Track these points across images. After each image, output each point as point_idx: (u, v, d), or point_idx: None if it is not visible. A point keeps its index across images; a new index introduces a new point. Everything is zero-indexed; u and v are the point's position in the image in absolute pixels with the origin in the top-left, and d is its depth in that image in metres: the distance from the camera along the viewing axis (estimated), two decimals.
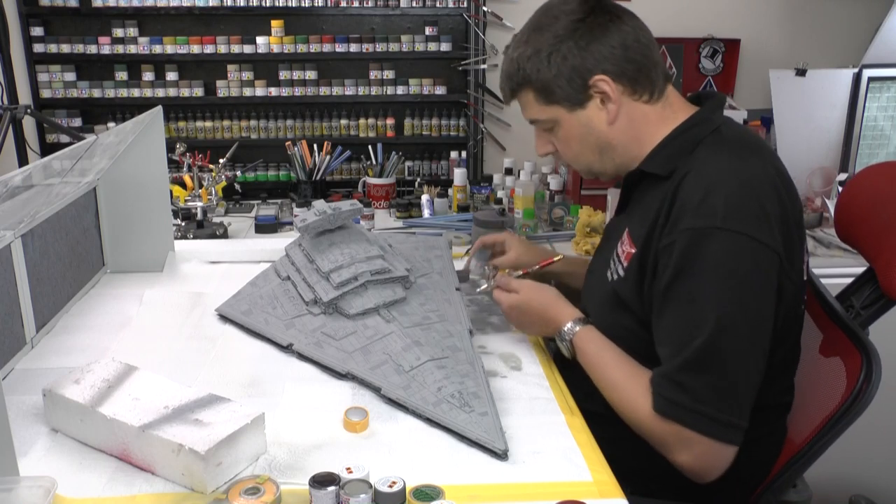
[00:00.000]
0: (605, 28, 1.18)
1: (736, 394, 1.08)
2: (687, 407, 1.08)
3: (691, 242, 1.08)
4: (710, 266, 1.07)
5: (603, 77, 1.18)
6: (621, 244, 1.24)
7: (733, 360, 1.07)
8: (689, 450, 1.10)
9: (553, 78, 1.20)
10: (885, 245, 1.25)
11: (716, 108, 1.24)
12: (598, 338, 1.24)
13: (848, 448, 1.23)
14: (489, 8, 2.67)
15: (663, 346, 1.13)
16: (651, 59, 1.21)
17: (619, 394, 1.18)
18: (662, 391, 1.10)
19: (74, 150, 1.33)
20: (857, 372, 1.18)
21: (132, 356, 1.20)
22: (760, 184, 1.11)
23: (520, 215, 2.27)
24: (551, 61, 1.19)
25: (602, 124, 1.22)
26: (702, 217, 1.08)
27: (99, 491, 0.95)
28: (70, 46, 2.61)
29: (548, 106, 1.23)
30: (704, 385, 1.07)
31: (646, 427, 1.14)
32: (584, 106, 1.21)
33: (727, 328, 1.06)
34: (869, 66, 2.44)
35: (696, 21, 2.77)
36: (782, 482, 1.23)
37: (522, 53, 1.22)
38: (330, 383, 1.23)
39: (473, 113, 2.73)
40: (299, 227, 1.45)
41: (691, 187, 1.12)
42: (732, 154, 1.15)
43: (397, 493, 0.90)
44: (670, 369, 1.10)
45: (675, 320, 1.11)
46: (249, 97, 2.70)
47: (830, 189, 2.42)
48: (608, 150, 1.25)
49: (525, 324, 1.35)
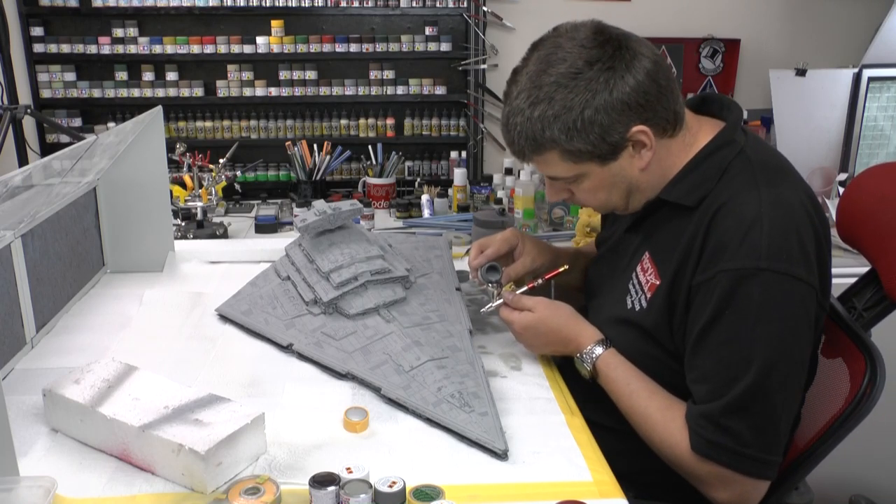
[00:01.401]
0: (632, 68, 1.08)
1: (777, 432, 1.08)
2: (729, 449, 1.06)
3: (734, 283, 1.05)
4: (754, 308, 1.05)
5: (642, 128, 1.10)
6: (643, 272, 1.20)
7: (776, 400, 1.06)
8: (728, 488, 1.09)
9: (586, 137, 1.09)
10: (889, 247, 1.24)
11: (736, 126, 1.18)
12: (623, 364, 1.19)
13: (848, 448, 1.23)
14: (489, 8, 2.67)
15: (701, 384, 1.10)
16: (675, 91, 1.13)
17: (651, 426, 1.15)
18: (703, 432, 1.08)
19: (74, 150, 1.33)
20: (860, 375, 1.18)
21: (132, 356, 1.20)
22: (797, 215, 1.08)
23: (520, 215, 2.27)
24: (585, 120, 1.08)
25: (633, 171, 1.15)
26: (743, 257, 1.05)
27: (99, 491, 0.95)
28: (70, 46, 2.61)
29: (576, 164, 1.14)
30: (748, 427, 1.06)
31: (683, 464, 1.12)
32: (616, 157, 1.13)
33: (771, 371, 1.05)
34: (869, 66, 2.44)
35: (696, 21, 2.77)
36: (785, 485, 1.22)
37: (544, 113, 1.09)
38: (330, 383, 1.23)
39: (473, 113, 2.73)
40: (299, 227, 1.45)
41: (729, 223, 1.08)
42: (765, 183, 1.10)
43: (397, 493, 0.90)
44: (712, 411, 1.07)
45: (715, 361, 1.08)
46: (249, 97, 2.70)
47: (830, 189, 2.42)
48: (636, 192, 1.18)
49: (539, 344, 1.29)
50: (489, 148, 2.81)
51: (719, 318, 1.07)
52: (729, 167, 1.14)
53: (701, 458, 1.09)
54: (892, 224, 1.24)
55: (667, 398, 1.16)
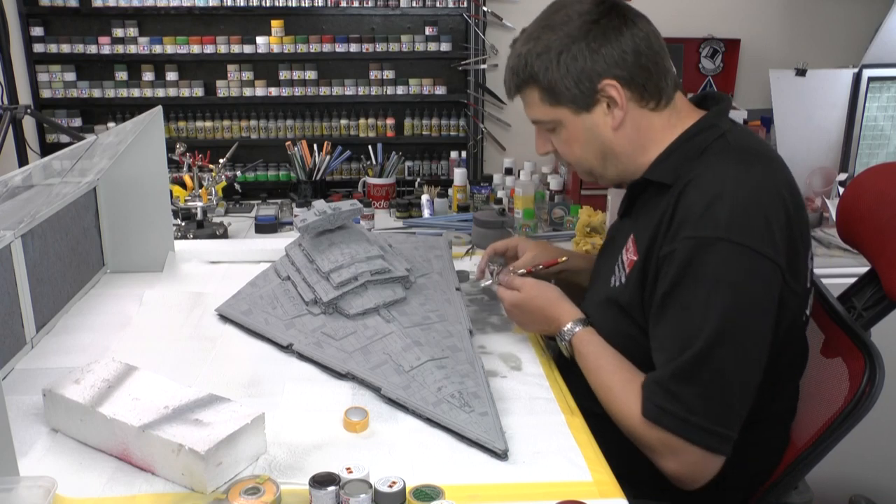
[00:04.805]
0: (619, 32, 1.16)
1: (727, 405, 1.07)
2: (676, 415, 1.07)
3: (692, 252, 1.07)
4: (710, 276, 1.06)
5: (612, 82, 1.16)
6: (626, 251, 1.23)
7: (726, 371, 1.07)
8: (675, 457, 1.10)
9: (561, 78, 1.17)
10: (888, 246, 1.24)
11: (722, 113, 1.22)
12: (596, 340, 1.23)
13: (848, 448, 1.23)
14: (489, 8, 2.66)
15: (658, 352, 1.12)
16: (662, 67, 1.19)
17: (611, 397, 1.17)
18: (653, 398, 1.10)
19: (74, 150, 1.33)
20: (860, 374, 1.18)
21: (132, 356, 1.20)
22: (766, 193, 1.09)
23: (520, 215, 2.27)
24: (560, 61, 1.16)
25: (607, 130, 1.20)
26: (704, 227, 1.07)
27: (99, 491, 0.95)
28: (70, 46, 2.60)
29: (552, 107, 1.21)
30: (695, 395, 1.06)
31: (635, 431, 1.14)
32: (590, 110, 1.19)
33: (722, 340, 1.05)
34: (869, 66, 2.44)
35: (696, 21, 2.77)
36: (784, 484, 1.23)
37: (531, 50, 1.19)
38: (330, 383, 1.23)
39: (473, 113, 2.73)
40: (299, 227, 1.45)
41: (694, 195, 1.10)
42: (738, 162, 1.12)
43: (397, 493, 0.90)
44: (662, 376, 1.09)
45: (670, 328, 1.11)
46: (249, 97, 2.69)
47: (830, 189, 2.42)
48: (611, 156, 1.23)
49: (526, 322, 1.34)
50: (489, 148, 2.81)
51: (677, 286, 1.09)
52: (708, 148, 1.17)
53: (651, 424, 1.10)
54: (892, 223, 1.25)
55: (631, 371, 1.17)
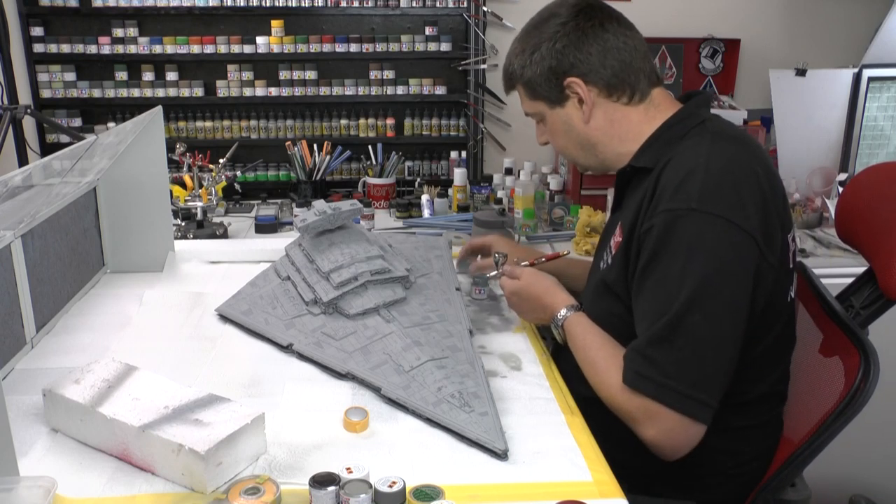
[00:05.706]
0: (586, 33, 1.24)
1: (703, 371, 1.09)
2: (654, 380, 1.09)
3: (667, 224, 1.11)
4: (683, 246, 1.10)
5: (575, 80, 1.25)
6: (614, 237, 1.27)
7: (701, 336, 1.09)
8: (655, 424, 1.11)
9: (534, 76, 1.28)
10: (885, 245, 1.24)
11: (701, 105, 1.27)
12: (585, 322, 1.27)
13: (848, 448, 1.23)
14: (489, 8, 2.66)
15: (639, 324, 1.15)
16: (631, 66, 1.25)
17: (595, 370, 1.21)
18: (632, 364, 1.13)
19: (74, 150, 1.33)
20: (854, 371, 1.18)
21: (132, 356, 1.20)
22: (738, 168, 1.13)
23: (520, 215, 2.27)
24: (532, 60, 1.27)
25: (579, 122, 1.29)
26: (678, 199, 1.11)
27: (99, 491, 0.95)
28: (70, 46, 2.60)
29: (533, 101, 1.32)
30: (672, 361, 1.09)
31: (616, 401, 1.16)
32: (563, 105, 1.29)
33: (696, 305, 1.08)
34: (869, 66, 2.44)
35: (696, 21, 2.77)
36: (780, 480, 1.23)
37: (513, 51, 1.32)
38: (330, 383, 1.23)
39: (473, 113, 2.73)
40: (299, 227, 1.45)
41: (670, 173, 1.15)
42: (713, 142, 1.18)
43: (397, 493, 0.90)
44: (640, 343, 1.12)
45: (649, 299, 1.14)
46: (249, 97, 2.69)
47: (830, 189, 2.42)
48: (590, 146, 1.31)
49: (524, 310, 1.40)
50: (489, 148, 2.81)
51: (654, 258, 1.13)
52: (687, 134, 1.22)
53: (629, 390, 1.12)
54: (889, 222, 1.25)
55: (616, 347, 1.20)
